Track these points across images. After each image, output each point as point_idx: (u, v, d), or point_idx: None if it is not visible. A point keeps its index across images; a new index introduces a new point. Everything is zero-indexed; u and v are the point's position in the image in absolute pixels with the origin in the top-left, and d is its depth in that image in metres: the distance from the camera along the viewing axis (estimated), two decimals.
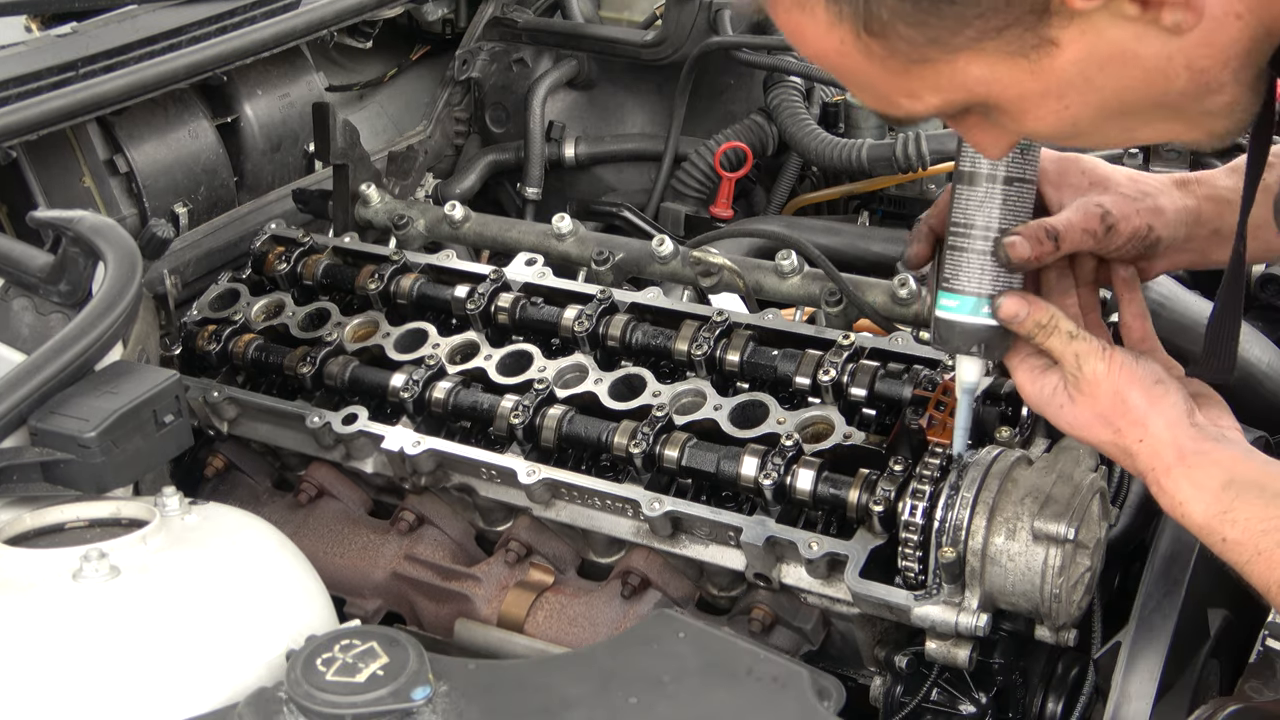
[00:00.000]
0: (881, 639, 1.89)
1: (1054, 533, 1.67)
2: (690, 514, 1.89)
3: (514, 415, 2.02)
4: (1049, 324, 1.51)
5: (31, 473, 1.72)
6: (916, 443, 1.87)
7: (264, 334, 2.31)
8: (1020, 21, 1.16)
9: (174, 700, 1.46)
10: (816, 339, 2.06)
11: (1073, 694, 1.87)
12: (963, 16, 1.15)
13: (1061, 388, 1.53)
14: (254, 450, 2.29)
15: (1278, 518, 1.40)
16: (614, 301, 2.17)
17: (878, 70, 1.22)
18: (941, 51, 1.19)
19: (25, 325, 1.93)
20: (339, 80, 3.15)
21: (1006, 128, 1.30)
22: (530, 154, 3.18)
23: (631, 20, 3.36)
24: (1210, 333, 1.52)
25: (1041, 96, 1.23)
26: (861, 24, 1.17)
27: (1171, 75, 1.20)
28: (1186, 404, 1.49)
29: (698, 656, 1.59)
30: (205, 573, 1.62)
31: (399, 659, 1.43)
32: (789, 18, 1.22)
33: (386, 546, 2.11)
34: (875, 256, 2.73)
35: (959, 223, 1.54)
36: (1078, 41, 1.17)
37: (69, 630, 1.49)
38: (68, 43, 2.48)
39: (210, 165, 2.65)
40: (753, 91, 3.19)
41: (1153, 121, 1.28)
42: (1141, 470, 1.50)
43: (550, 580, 2.02)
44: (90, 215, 1.95)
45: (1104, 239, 1.54)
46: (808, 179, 3.23)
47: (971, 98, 1.24)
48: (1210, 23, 1.16)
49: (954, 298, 1.55)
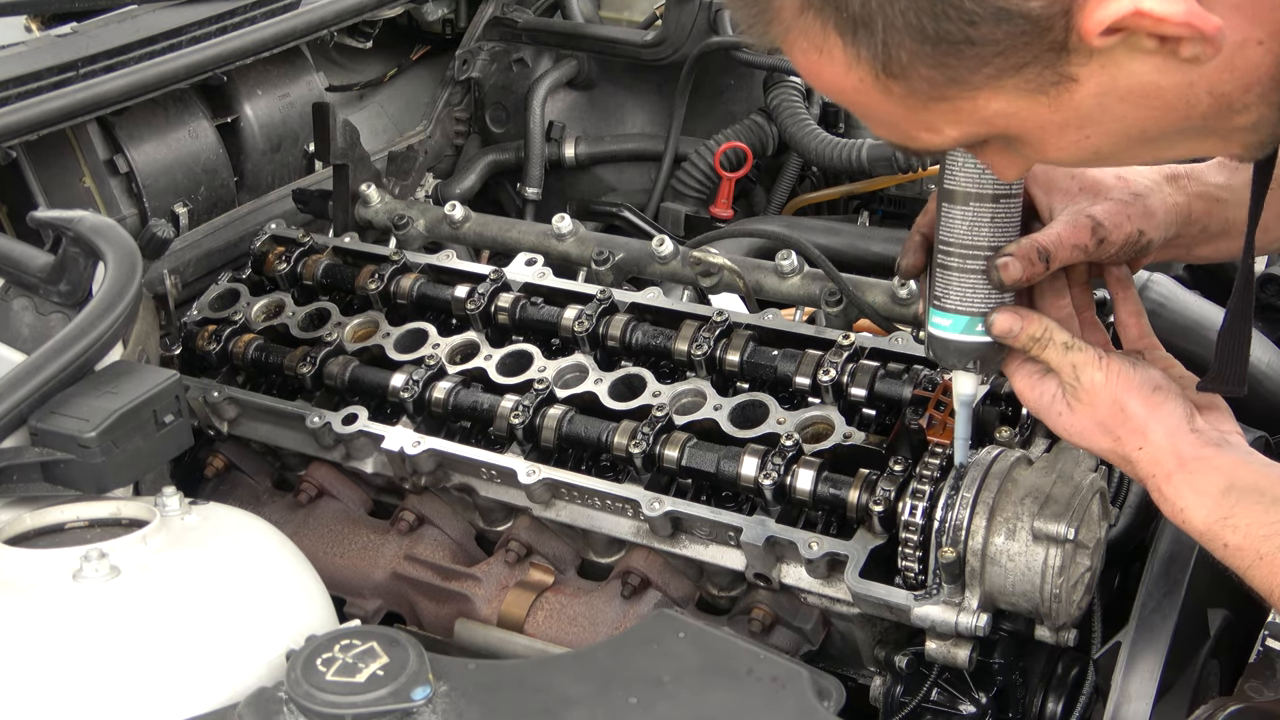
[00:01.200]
0: (881, 639, 1.89)
1: (1054, 533, 1.67)
2: (690, 514, 1.89)
3: (514, 415, 2.02)
4: (1043, 337, 1.50)
5: (31, 473, 1.72)
6: (916, 443, 1.87)
7: (264, 334, 2.31)
8: (1039, 59, 1.15)
9: (174, 700, 1.46)
10: (816, 339, 2.06)
11: (1073, 694, 1.87)
12: (982, 56, 1.15)
13: (1060, 395, 1.52)
14: (254, 450, 2.28)
15: (1279, 522, 1.40)
16: (614, 301, 2.17)
17: (897, 108, 1.22)
18: (961, 90, 1.18)
19: (25, 325, 1.93)
20: (339, 80, 3.15)
21: (1027, 156, 1.30)
22: (530, 154, 3.18)
23: (631, 20, 3.36)
24: (1220, 346, 1.50)
25: (1061, 128, 1.22)
26: (880, 66, 1.17)
27: (1193, 102, 1.20)
28: (1186, 409, 1.49)
29: (698, 656, 1.59)
30: (205, 573, 1.62)
31: (399, 659, 1.43)
32: (806, 59, 1.22)
33: (386, 546, 2.11)
34: (875, 256, 2.73)
35: (947, 241, 1.52)
36: (1097, 76, 1.17)
37: (69, 630, 1.49)
38: (68, 43, 2.48)
39: (210, 165, 2.65)
40: (753, 91, 3.19)
41: (1179, 143, 1.28)
42: (1142, 477, 1.49)
43: (550, 580, 2.02)
44: (90, 215, 1.95)
45: (1095, 251, 1.53)
46: (808, 179, 3.22)
47: (991, 130, 1.24)
48: (1230, 50, 1.15)
49: (946, 316, 1.54)
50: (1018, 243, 1.50)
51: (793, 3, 1.18)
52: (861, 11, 1.14)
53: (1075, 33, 1.13)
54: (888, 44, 1.15)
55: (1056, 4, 1.12)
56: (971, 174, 1.49)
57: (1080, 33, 1.13)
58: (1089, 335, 1.56)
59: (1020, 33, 1.13)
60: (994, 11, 1.12)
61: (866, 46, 1.16)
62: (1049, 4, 1.12)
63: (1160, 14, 1.11)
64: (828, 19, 1.17)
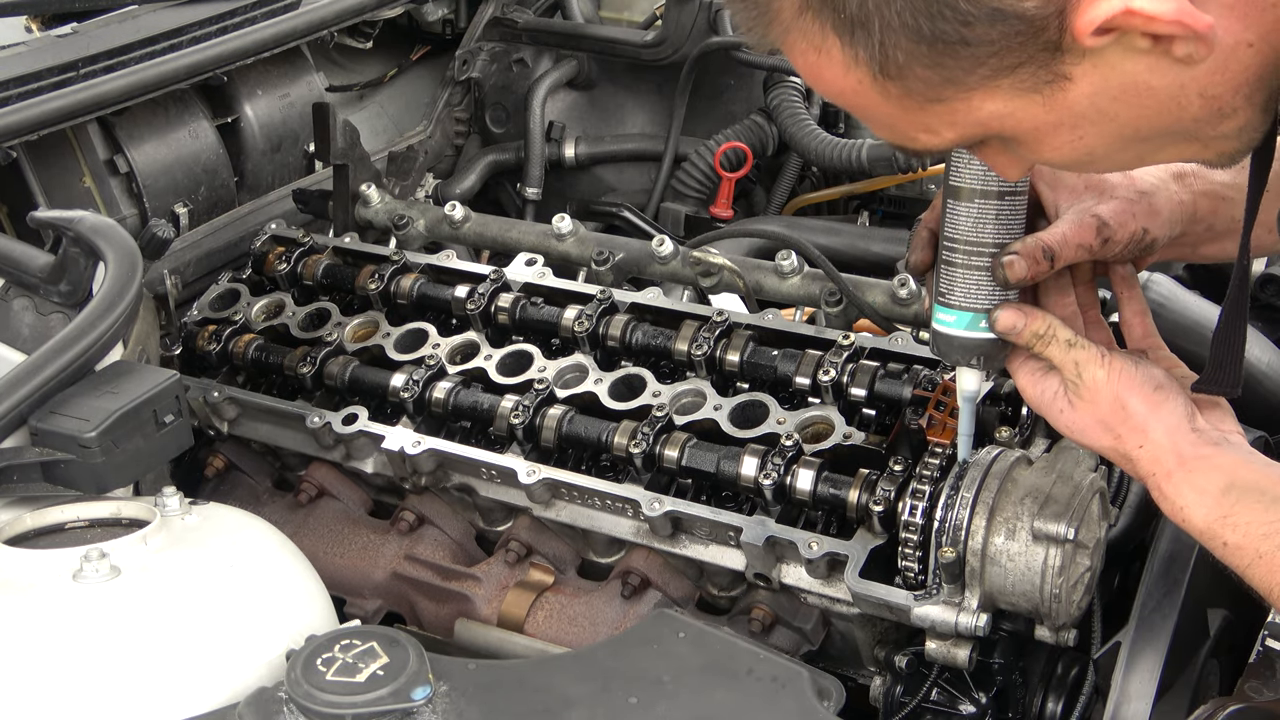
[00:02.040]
0: (881, 639, 1.89)
1: (1054, 533, 1.67)
2: (690, 514, 1.89)
3: (514, 415, 2.02)
4: (1046, 333, 1.50)
5: (32, 473, 1.72)
6: (916, 443, 1.87)
7: (264, 334, 2.31)
8: (1034, 59, 1.16)
9: (174, 700, 1.46)
10: (816, 339, 2.06)
11: (1073, 694, 1.86)
12: (977, 56, 1.16)
13: (1062, 392, 1.53)
14: (254, 450, 2.29)
15: (1278, 521, 1.40)
16: (614, 301, 2.17)
17: (895, 109, 1.23)
18: (957, 91, 1.20)
19: (25, 325, 1.94)
20: (339, 80, 3.15)
21: (1024, 156, 1.31)
22: (530, 154, 3.18)
23: (631, 20, 3.36)
24: (1215, 348, 1.51)
25: (1055, 128, 1.23)
26: (878, 67, 1.18)
27: (1185, 103, 1.21)
28: (1187, 408, 1.49)
29: (698, 656, 1.59)
30: (205, 573, 1.63)
31: (399, 659, 1.44)
32: (805, 60, 1.23)
33: (386, 546, 2.11)
34: (875, 256, 2.73)
35: (952, 238, 1.52)
36: (1090, 75, 1.18)
37: (69, 630, 1.49)
38: (68, 43, 2.48)
39: (210, 165, 2.65)
40: (753, 91, 3.19)
41: (1166, 147, 1.29)
42: (1142, 475, 1.50)
43: (550, 580, 2.02)
44: (90, 215, 1.95)
45: (1100, 250, 1.53)
46: (808, 179, 3.22)
47: (988, 131, 1.25)
48: (1222, 52, 1.16)
49: (950, 312, 1.54)
50: (1023, 241, 1.50)
51: (792, 4, 1.19)
52: (859, 12, 1.15)
53: (1069, 33, 1.14)
54: (884, 44, 1.16)
55: (1050, 4, 1.13)
56: (976, 171, 1.49)
57: (1073, 33, 1.14)
58: (1093, 333, 1.57)
59: (1015, 33, 1.14)
60: (989, 12, 1.13)
61: (864, 47, 1.17)
62: (1043, 4, 1.13)
63: (1151, 13, 1.12)
64: (826, 20, 1.18)
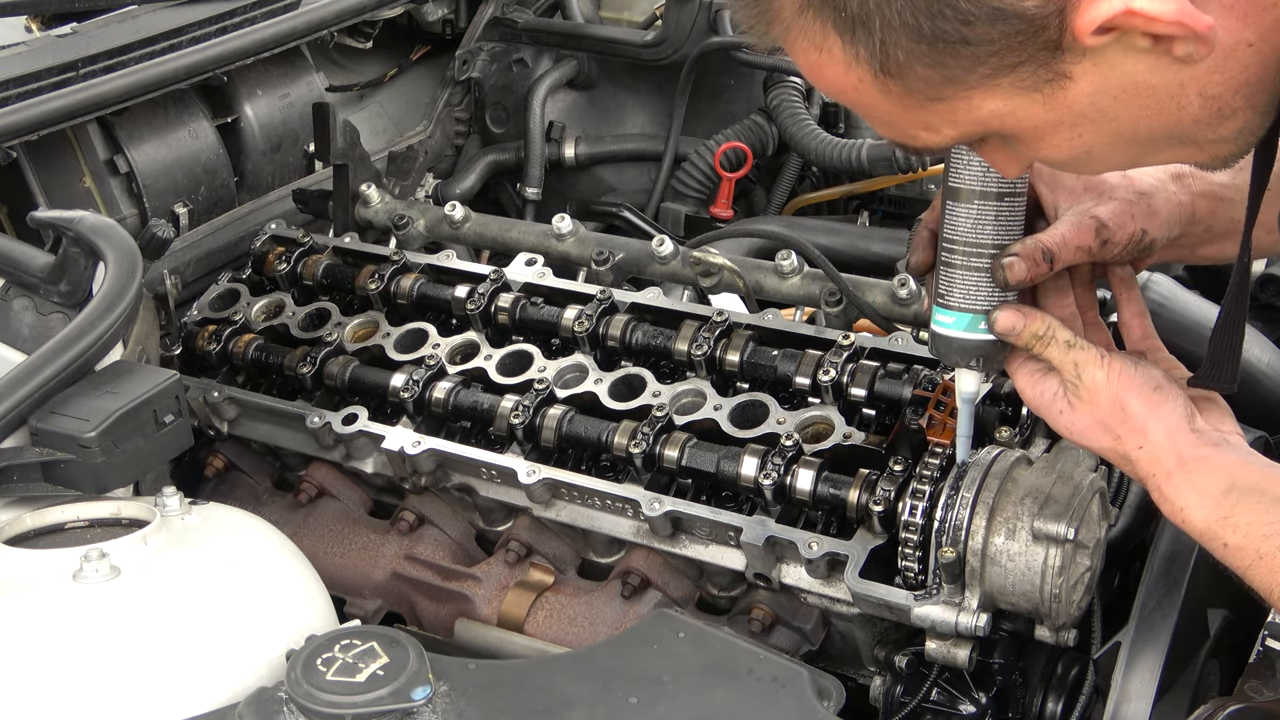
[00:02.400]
0: (881, 639, 1.89)
1: (1054, 533, 1.67)
2: (690, 514, 1.89)
3: (514, 415, 2.02)
4: (1045, 334, 1.51)
5: (31, 473, 1.72)
6: (916, 443, 1.87)
7: (264, 334, 2.31)
8: (1034, 58, 1.17)
9: (174, 700, 1.46)
10: (816, 339, 2.06)
11: (1073, 694, 1.86)
12: (977, 55, 1.16)
13: (1061, 393, 1.53)
14: (254, 450, 2.28)
15: (1279, 522, 1.40)
16: (614, 301, 2.17)
17: (895, 107, 1.23)
18: (957, 89, 1.20)
19: (25, 325, 1.94)
20: (339, 80, 3.15)
21: (1023, 153, 1.31)
22: (530, 154, 3.18)
23: (631, 20, 3.36)
24: (1213, 343, 1.51)
25: (1055, 127, 1.23)
26: (878, 65, 1.18)
27: (1184, 103, 1.21)
28: (1187, 409, 1.49)
29: (698, 656, 1.59)
30: (205, 573, 1.63)
31: (399, 659, 1.44)
32: (806, 59, 1.23)
33: (386, 546, 2.11)
34: (875, 256, 2.73)
35: (951, 239, 1.52)
36: (1090, 74, 1.18)
37: (69, 630, 1.49)
38: (68, 43, 2.48)
39: (210, 165, 2.65)
40: (753, 91, 3.19)
41: (1164, 148, 1.29)
42: (1142, 476, 1.50)
43: (550, 580, 2.02)
44: (90, 215, 1.95)
45: (1099, 252, 1.53)
46: (808, 179, 3.22)
47: (988, 129, 1.26)
48: (1222, 52, 1.16)
49: (949, 314, 1.54)
50: (1022, 243, 1.50)
51: (793, 3, 1.19)
52: (859, 11, 1.15)
53: (1069, 32, 1.14)
54: (885, 43, 1.16)
55: (1050, 4, 1.13)
56: (976, 172, 1.49)
57: (1074, 32, 1.14)
58: (1092, 335, 1.57)
59: (1015, 32, 1.14)
60: (989, 11, 1.13)
61: (865, 46, 1.17)
62: (1043, 4, 1.13)
63: (1152, 13, 1.12)
64: (827, 19, 1.18)
